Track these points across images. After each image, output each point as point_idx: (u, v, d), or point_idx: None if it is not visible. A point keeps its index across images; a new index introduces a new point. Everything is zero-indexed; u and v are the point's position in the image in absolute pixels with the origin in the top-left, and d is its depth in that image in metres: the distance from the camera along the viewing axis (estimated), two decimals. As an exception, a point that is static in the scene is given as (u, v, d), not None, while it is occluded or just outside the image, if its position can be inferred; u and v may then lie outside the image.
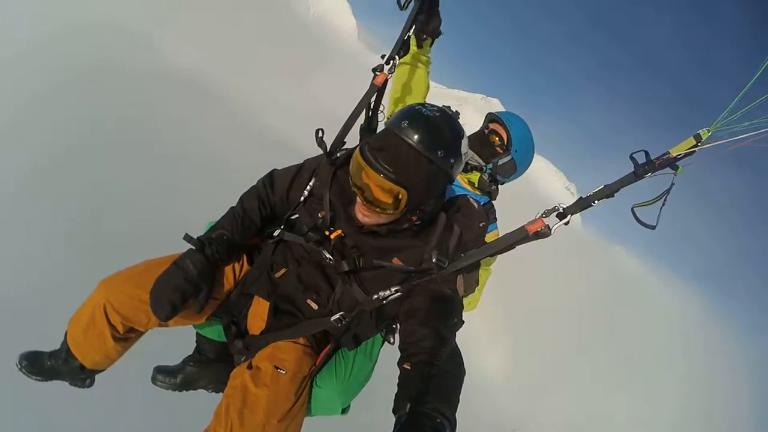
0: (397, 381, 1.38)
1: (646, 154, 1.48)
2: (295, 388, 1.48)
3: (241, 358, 1.76)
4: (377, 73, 1.81)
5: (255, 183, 1.80)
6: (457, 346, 1.44)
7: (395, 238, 1.57)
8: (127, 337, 1.66)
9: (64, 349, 1.66)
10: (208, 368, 2.08)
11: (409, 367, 1.37)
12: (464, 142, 1.48)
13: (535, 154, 2.35)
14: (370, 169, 1.38)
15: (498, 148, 2.26)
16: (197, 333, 2.06)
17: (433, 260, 1.48)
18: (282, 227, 1.77)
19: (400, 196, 1.39)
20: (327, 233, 1.60)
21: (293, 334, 1.62)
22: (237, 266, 1.76)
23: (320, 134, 1.71)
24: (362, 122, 1.89)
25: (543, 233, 1.44)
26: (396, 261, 1.57)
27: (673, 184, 1.52)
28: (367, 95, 1.82)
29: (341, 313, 1.59)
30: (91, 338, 1.59)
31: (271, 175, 1.78)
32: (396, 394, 1.32)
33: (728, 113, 1.43)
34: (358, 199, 1.49)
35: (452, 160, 1.43)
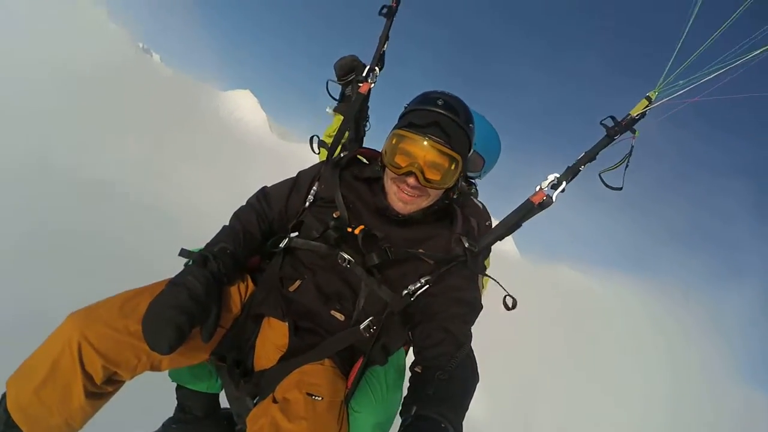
0: (408, 384, 1.36)
1: (613, 118, 1.63)
2: (335, 416, 1.25)
3: (245, 407, 1.47)
4: (360, 84, 1.88)
5: (246, 202, 1.66)
6: (472, 351, 1.42)
7: (420, 228, 1.55)
8: (102, 391, 1.27)
9: (2, 421, 1.20)
10: (196, 429, 1.73)
11: (420, 371, 1.34)
12: None
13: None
14: (427, 139, 1.41)
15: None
16: (178, 387, 1.71)
17: (465, 245, 1.49)
18: (289, 236, 1.59)
19: (454, 167, 1.44)
20: (349, 230, 1.48)
21: (318, 355, 1.40)
22: (242, 286, 1.51)
23: (315, 140, 1.70)
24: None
25: (546, 203, 1.53)
26: (425, 253, 1.51)
27: (633, 146, 1.66)
28: (354, 104, 1.85)
29: (370, 318, 1.43)
30: (49, 397, 1.18)
31: (264, 191, 1.66)
32: (404, 397, 1.30)
33: (666, 75, 1.66)
34: (395, 186, 1.48)
35: (474, 136, 1.54)
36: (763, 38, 1.56)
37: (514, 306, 1.47)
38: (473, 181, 2.36)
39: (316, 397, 1.24)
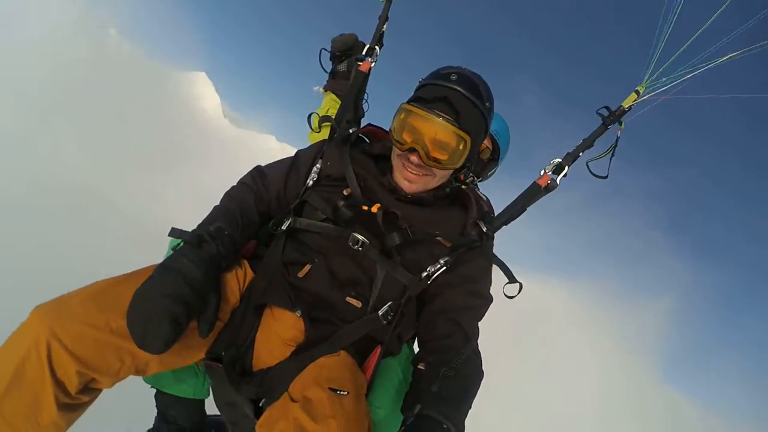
0: (411, 380, 1.31)
1: (608, 108, 1.73)
2: (364, 410, 1.14)
3: (242, 414, 1.33)
4: (360, 63, 1.80)
5: (237, 182, 1.51)
6: (477, 346, 1.37)
7: (435, 209, 1.48)
8: (77, 402, 1.07)
9: None
10: None
11: (423, 368, 1.29)
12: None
13: None
14: (432, 116, 1.31)
15: (488, 162, 2.27)
16: (158, 392, 1.52)
17: (483, 229, 1.44)
18: (292, 217, 1.46)
19: (462, 147, 1.34)
20: (365, 208, 1.37)
21: (334, 346, 1.29)
22: (240, 273, 1.35)
23: (315, 118, 1.59)
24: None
25: (551, 185, 1.57)
26: (442, 234, 1.46)
27: (618, 137, 1.76)
28: (355, 82, 1.76)
29: (389, 304, 1.36)
30: (13, 412, 0.96)
31: (260, 170, 1.53)
32: (407, 393, 1.25)
33: (653, 71, 1.81)
34: (400, 163, 1.40)
35: (491, 116, 1.47)
36: (738, 39, 1.77)
37: (520, 291, 1.44)
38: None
39: (341, 392, 1.11)
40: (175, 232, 1.21)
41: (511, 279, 1.45)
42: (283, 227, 1.43)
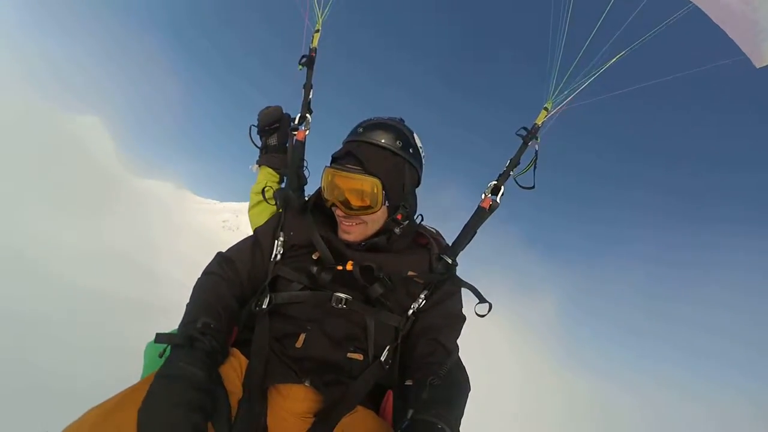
0: (399, 397, 1.36)
1: (525, 128, 1.94)
2: None
3: None
4: (295, 132, 1.95)
5: (203, 273, 1.48)
6: (460, 360, 1.43)
7: (400, 253, 1.55)
8: None
9: None
10: None
11: (411, 383, 1.32)
12: (416, 136, 1.59)
13: None
14: (341, 172, 1.42)
15: None
16: None
17: (449, 261, 1.55)
18: (268, 295, 1.45)
19: (375, 189, 1.41)
20: (339, 268, 1.42)
21: (350, 404, 1.30)
22: (235, 363, 1.33)
23: (269, 192, 1.68)
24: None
25: (494, 205, 1.77)
26: (414, 273, 1.51)
27: (537, 150, 1.94)
28: (295, 152, 1.89)
29: (387, 348, 1.42)
30: None
31: (224, 256, 1.52)
32: (399, 408, 1.28)
33: (555, 86, 2.04)
34: (338, 217, 1.49)
35: (411, 150, 1.52)
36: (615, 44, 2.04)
37: (489, 310, 1.52)
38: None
39: None
40: (161, 338, 1.14)
41: (481, 299, 1.53)
42: (264, 306, 1.42)
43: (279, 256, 1.51)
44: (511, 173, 1.86)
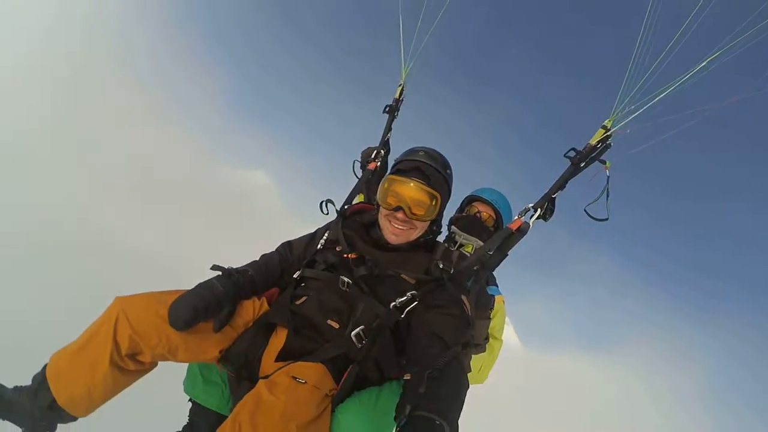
0: (401, 391, 1.46)
1: (574, 149, 1.92)
2: (316, 399, 1.38)
3: None
4: (369, 163, 2.52)
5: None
6: (460, 358, 1.52)
7: (404, 254, 1.83)
8: (124, 366, 1.52)
9: (37, 380, 1.50)
10: None
11: (409, 377, 1.42)
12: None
13: None
14: (411, 181, 1.76)
15: (493, 229, 2.57)
16: (192, 403, 1.91)
17: (440, 266, 1.74)
18: (302, 269, 1.90)
19: (435, 203, 1.77)
20: (346, 256, 1.80)
21: (312, 358, 1.59)
22: (257, 303, 1.79)
23: (325, 204, 2.12)
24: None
25: (524, 228, 1.87)
26: (405, 273, 1.76)
27: (608, 176, 1.88)
28: (363, 176, 2.46)
29: (361, 327, 1.63)
30: (80, 362, 1.48)
31: (289, 242, 2.04)
32: (399, 401, 1.35)
33: (619, 101, 1.90)
34: (387, 221, 1.81)
35: (451, 180, 1.90)
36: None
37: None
38: None
39: (300, 380, 1.40)
40: (215, 267, 1.70)
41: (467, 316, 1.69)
42: (295, 275, 1.90)
43: (320, 247, 1.95)
44: (554, 196, 1.90)
